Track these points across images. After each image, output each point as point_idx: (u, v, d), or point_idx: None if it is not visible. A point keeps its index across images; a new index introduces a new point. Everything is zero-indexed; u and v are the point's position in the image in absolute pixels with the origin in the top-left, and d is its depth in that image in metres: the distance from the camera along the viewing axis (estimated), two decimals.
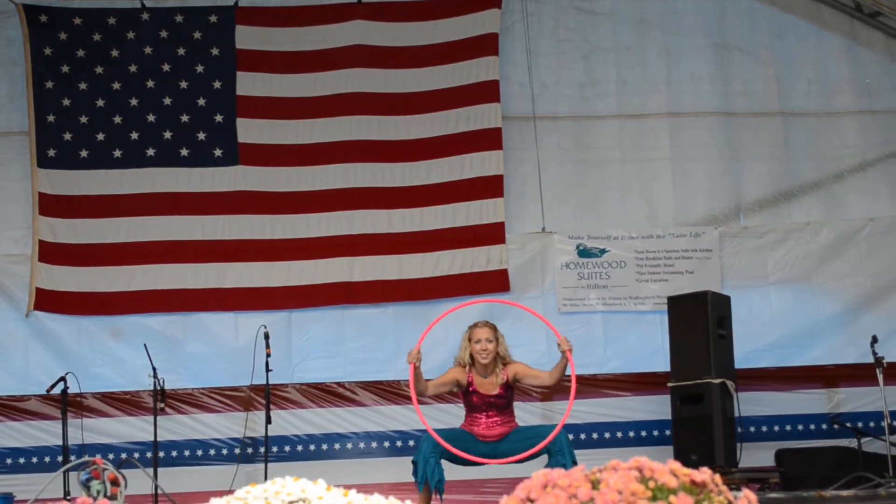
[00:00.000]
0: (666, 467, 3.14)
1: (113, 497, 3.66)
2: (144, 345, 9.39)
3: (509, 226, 10.63)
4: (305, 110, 10.83)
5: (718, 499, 3.15)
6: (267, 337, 9.25)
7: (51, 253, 10.37)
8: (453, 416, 9.17)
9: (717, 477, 3.21)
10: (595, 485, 3.11)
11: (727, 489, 3.20)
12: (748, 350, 10.23)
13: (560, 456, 7.69)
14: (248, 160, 10.74)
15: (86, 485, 3.65)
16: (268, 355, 9.22)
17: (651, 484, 3.06)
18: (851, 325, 10.51)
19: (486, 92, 10.83)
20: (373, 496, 3.20)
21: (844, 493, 3.62)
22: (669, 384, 9.62)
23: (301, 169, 10.74)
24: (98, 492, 3.63)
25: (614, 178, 10.85)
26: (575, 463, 7.76)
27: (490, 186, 10.69)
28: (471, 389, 7.87)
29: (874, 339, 9.12)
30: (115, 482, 3.68)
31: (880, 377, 9.03)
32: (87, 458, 3.71)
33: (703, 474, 3.17)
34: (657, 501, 2.98)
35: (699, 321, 9.49)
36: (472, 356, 7.91)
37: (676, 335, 9.67)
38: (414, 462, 7.80)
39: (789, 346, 10.54)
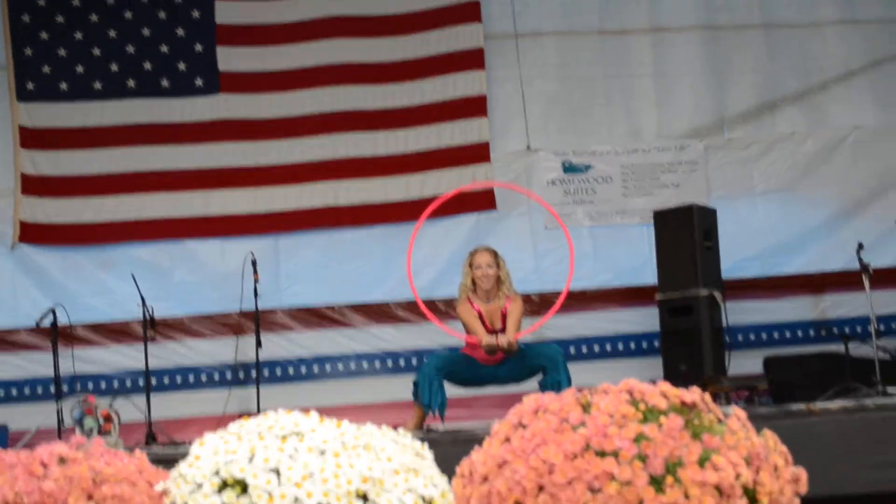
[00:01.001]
0: (656, 389, 3.16)
1: (106, 433, 3.67)
2: (132, 275, 9.38)
3: (494, 145, 10.60)
4: (286, 36, 10.75)
5: (708, 417, 3.18)
6: (254, 263, 9.26)
7: (34, 186, 10.32)
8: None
9: (708, 396, 3.23)
10: (586, 408, 3.13)
11: (717, 408, 3.23)
12: (736, 260, 10.26)
13: (555, 373, 7.79)
14: (229, 88, 10.67)
15: (79, 422, 3.66)
16: (256, 281, 9.24)
17: (641, 406, 3.08)
18: (838, 233, 10.52)
19: (468, 11, 10.74)
20: (365, 425, 3.22)
21: (833, 405, 3.65)
22: (657, 296, 9.67)
23: (283, 94, 10.68)
24: (91, 428, 3.64)
25: (598, 94, 10.79)
26: (569, 379, 7.84)
27: (474, 106, 10.65)
28: (480, 319, 7.97)
29: (860, 247, 9.15)
30: (107, 418, 3.68)
31: (867, 283, 9.07)
32: (79, 395, 3.72)
33: (694, 394, 3.19)
34: (648, 423, 3.01)
35: (685, 234, 9.52)
36: (473, 282, 8.00)
37: (663, 249, 9.71)
38: (415, 383, 7.88)
39: (776, 255, 10.57)
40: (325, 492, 2.88)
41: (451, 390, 8.83)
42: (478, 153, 10.63)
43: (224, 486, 2.92)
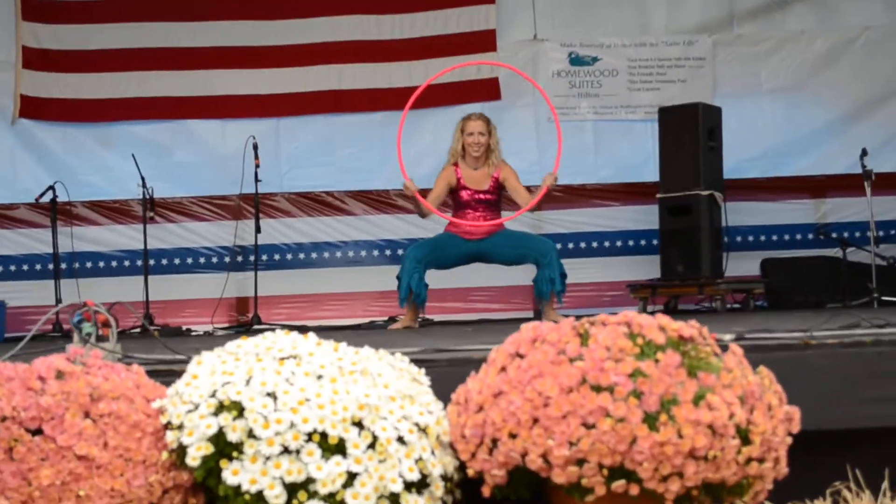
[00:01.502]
0: (654, 322, 3.17)
1: (104, 338, 3.68)
2: (133, 155, 9.37)
3: (500, 33, 10.47)
4: None
5: (706, 351, 3.19)
6: (256, 148, 9.23)
7: (35, 59, 10.22)
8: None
9: (705, 330, 3.24)
10: (584, 339, 3.14)
11: (714, 342, 3.24)
12: (739, 159, 10.20)
13: (548, 269, 7.77)
14: None
15: (77, 326, 3.66)
16: (256, 166, 9.22)
17: (639, 340, 3.08)
18: (844, 135, 10.43)
19: None
20: (363, 349, 3.22)
21: (830, 340, 3.66)
22: (658, 195, 9.64)
23: None
24: (89, 334, 3.65)
25: None
26: (563, 275, 7.84)
27: None
28: (460, 186, 7.91)
29: (864, 152, 9.12)
30: (105, 324, 3.69)
31: (868, 190, 9.06)
32: (76, 301, 3.73)
33: (692, 328, 3.19)
34: (644, 359, 3.01)
35: (689, 133, 9.44)
36: (464, 148, 7.96)
37: (666, 146, 9.64)
38: (398, 278, 7.89)
39: (780, 155, 10.50)
40: (321, 418, 2.90)
41: (446, 281, 8.88)
42: (484, 40, 10.51)
43: (221, 407, 2.94)
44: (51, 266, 9.57)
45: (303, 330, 8.31)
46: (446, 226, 8.11)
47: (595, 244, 10.32)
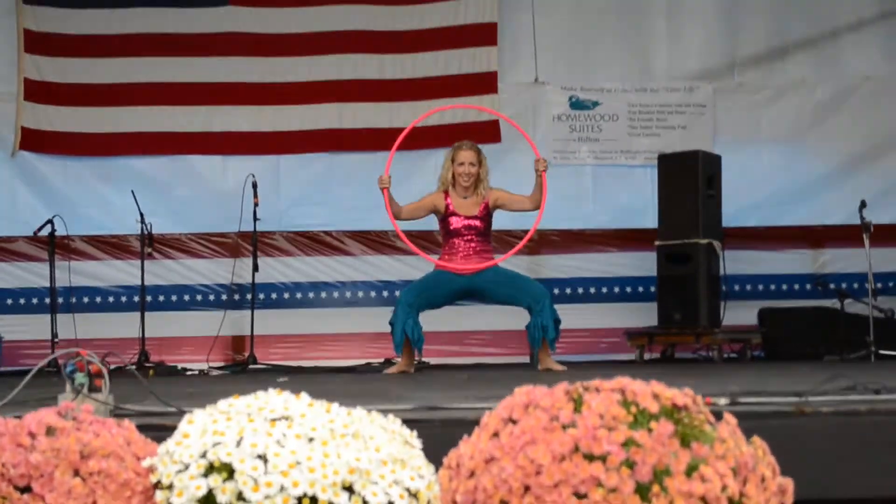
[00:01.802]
0: (648, 390, 3.15)
1: (97, 389, 3.67)
2: (132, 191, 9.38)
3: (502, 75, 10.50)
4: None
5: (699, 418, 3.17)
6: (255, 186, 9.25)
7: (37, 91, 10.25)
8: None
9: (699, 399, 3.22)
10: (577, 405, 3.12)
11: (708, 411, 3.22)
12: (737, 207, 10.22)
13: (540, 316, 7.75)
14: (238, 0, 10.54)
15: (69, 376, 3.65)
16: (255, 205, 9.24)
17: (633, 409, 3.07)
18: (843, 185, 10.47)
19: None
20: (355, 410, 3.21)
21: (825, 408, 3.65)
22: (656, 242, 9.65)
23: (292, 10, 10.57)
24: (82, 384, 3.64)
25: (610, 30, 10.66)
26: (557, 322, 7.83)
27: (484, 34, 10.53)
28: (449, 211, 7.90)
29: (862, 204, 9.12)
30: (99, 374, 3.68)
31: (867, 242, 9.06)
32: (72, 350, 3.71)
33: (686, 397, 3.17)
34: (638, 428, 3.00)
35: (689, 180, 9.47)
36: (454, 177, 7.95)
37: (665, 194, 9.67)
38: (391, 324, 7.87)
39: (779, 204, 10.53)
40: (312, 481, 2.88)
41: (442, 324, 8.87)
42: (485, 82, 10.54)
43: (211, 468, 2.92)
44: (48, 300, 9.57)
45: (298, 371, 8.32)
46: (437, 263, 8.08)
47: (592, 290, 10.32)
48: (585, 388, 3.21)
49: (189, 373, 8.79)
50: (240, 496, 2.86)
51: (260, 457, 2.92)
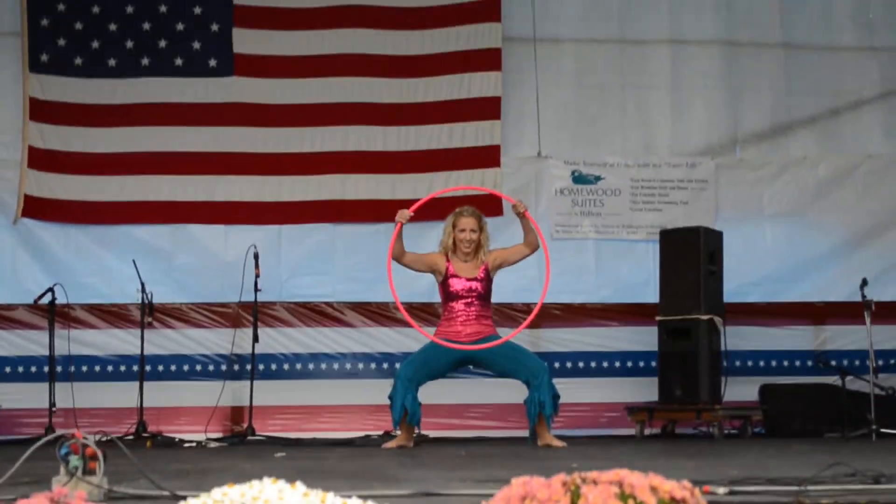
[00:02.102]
0: (646, 482, 3.13)
1: (91, 472, 3.64)
2: (133, 261, 9.38)
3: (505, 149, 10.54)
4: (303, 21, 10.69)
5: None
6: (256, 257, 9.26)
7: (41, 159, 10.29)
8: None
9: (697, 491, 3.20)
10: (574, 497, 3.10)
11: (706, 502, 3.19)
12: (739, 283, 10.23)
13: (538, 391, 7.72)
14: (243, 71, 10.62)
15: (64, 459, 3.62)
16: (257, 276, 9.24)
17: (630, 502, 3.04)
18: (844, 262, 10.50)
19: (488, 10, 10.68)
20: (351, 500, 3.18)
21: (824, 500, 3.62)
22: (657, 318, 9.65)
23: (296, 81, 10.63)
24: (76, 467, 3.61)
25: (613, 105, 10.74)
26: (556, 397, 7.79)
27: (487, 108, 10.59)
28: (450, 274, 7.88)
29: (864, 283, 9.11)
30: (93, 457, 3.65)
31: (868, 319, 9.04)
32: (66, 432, 3.69)
33: (684, 490, 3.15)
34: None
35: (690, 256, 9.49)
36: (454, 243, 7.95)
37: (667, 269, 9.69)
38: (390, 398, 7.84)
39: (780, 280, 10.53)
40: None
41: (442, 397, 8.84)
42: (488, 156, 10.58)
43: None
44: (46, 369, 9.54)
45: (297, 443, 8.28)
46: (436, 333, 8.04)
47: (593, 364, 10.28)
48: (583, 480, 3.19)
49: (187, 444, 8.73)
50: None
51: None
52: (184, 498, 3.29)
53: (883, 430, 8.83)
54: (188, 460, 6.42)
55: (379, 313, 10.21)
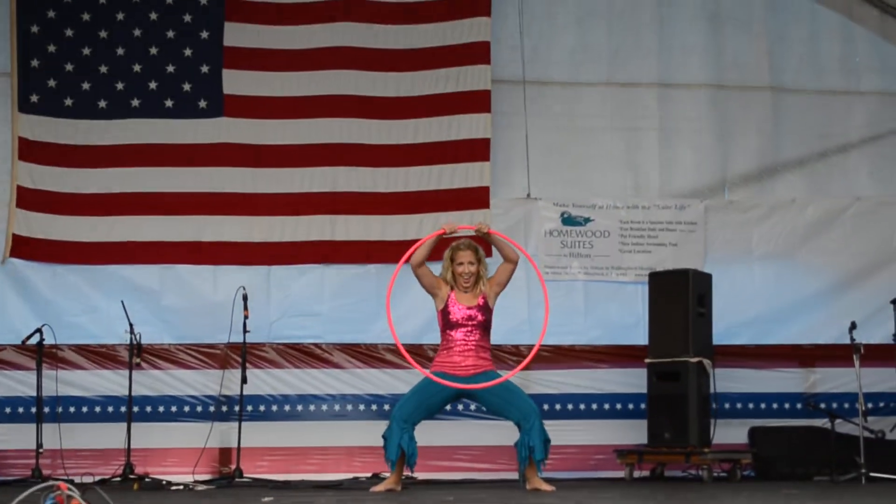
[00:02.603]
0: None
1: None
2: (122, 301, 9.36)
3: (494, 190, 10.56)
4: (293, 63, 10.73)
5: None
6: (245, 298, 9.26)
7: (29, 199, 10.28)
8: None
9: None
10: None
11: None
12: (728, 325, 10.25)
13: (528, 435, 7.69)
14: (232, 112, 10.64)
15: None
16: (245, 317, 9.23)
17: None
18: (833, 304, 10.55)
19: (477, 53, 10.72)
20: None
21: None
22: (646, 360, 9.66)
23: (286, 122, 10.65)
24: None
25: (602, 147, 10.78)
26: (547, 441, 7.77)
27: (477, 150, 10.61)
28: (450, 301, 7.87)
29: (853, 326, 9.12)
30: None
31: (857, 363, 9.04)
32: (51, 482, 3.68)
33: None
34: None
35: (679, 299, 9.51)
36: (454, 276, 7.95)
37: (656, 312, 9.70)
38: (384, 437, 7.80)
39: (769, 322, 10.55)
40: None
41: (432, 439, 8.80)
42: (478, 197, 10.59)
43: None
44: (34, 409, 9.49)
45: (284, 486, 8.26)
46: (433, 365, 8.03)
47: (582, 406, 10.27)
48: None
49: (174, 487, 8.68)
50: None
51: None
52: None
53: (872, 473, 8.81)
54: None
55: (368, 354, 10.21)
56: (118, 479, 9.01)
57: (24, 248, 10.22)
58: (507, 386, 7.91)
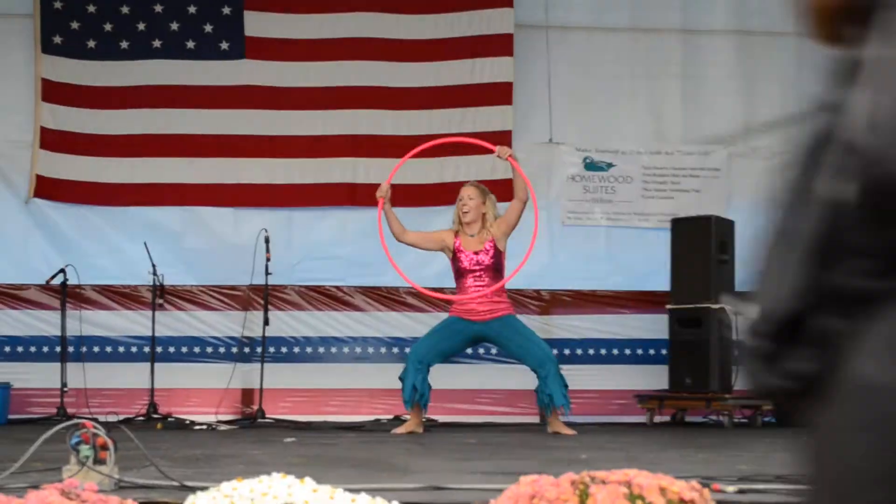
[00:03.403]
0: (655, 483, 3.13)
1: (102, 462, 3.66)
2: (145, 243, 9.42)
3: (516, 135, 10.50)
4: (315, 5, 10.68)
5: None
6: (267, 241, 9.29)
7: (52, 140, 10.31)
8: None
9: (707, 492, 3.20)
10: (583, 497, 3.11)
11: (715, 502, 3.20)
12: (751, 272, 10.20)
13: (545, 383, 7.73)
14: (254, 54, 10.61)
15: (74, 448, 3.64)
16: (267, 259, 9.27)
17: (639, 502, 3.05)
18: None
19: None
20: (359, 495, 3.19)
21: None
22: (668, 306, 9.65)
23: (307, 64, 10.61)
24: (86, 457, 3.62)
25: (625, 93, 10.69)
26: (564, 386, 7.80)
27: (499, 93, 10.57)
28: (457, 249, 7.91)
29: None
30: (104, 447, 3.67)
31: None
32: (76, 420, 3.71)
33: (693, 491, 3.16)
34: None
35: (701, 245, 9.48)
36: (459, 217, 7.99)
37: (678, 258, 9.68)
38: (401, 379, 7.87)
39: None
40: None
41: (453, 382, 8.85)
42: (500, 141, 10.41)
43: None
44: (58, 349, 9.58)
45: (306, 427, 8.29)
46: (450, 309, 8.06)
47: (603, 351, 10.29)
48: (592, 480, 3.20)
49: (197, 427, 8.76)
50: None
51: None
52: (192, 490, 3.31)
53: None
54: (198, 445, 6.45)
55: (389, 297, 10.24)
56: (142, 418, 9.10)
57: (48, 188, 10.26)
58: (523, 332, 7.96)
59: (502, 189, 10.16)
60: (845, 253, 1.43)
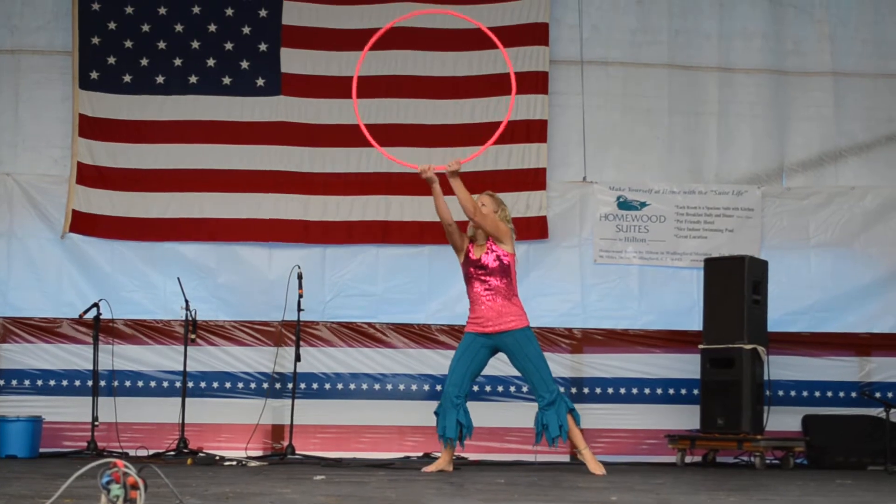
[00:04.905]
0: None
1: (132, 501, 3.66)
2: (178, 278, 9.48)
3: (551, 173, 10.54)
4: (351, 42, 10.72)
5: None
6: (300, 277, 9.32)
7: (88, 175, 10.39)
8: None
9: None
10: None
11: None
12: (784, 313, 10.21)
13: (543, 412, 7.75)
14: (290, 91, 10.69)
15: (105, 487, 3.65)
16: (300, 296, 9.29)
17: None
18: (890, 293, 10.49)
19: (535, 34, 10.70)
20: None
21: None
22: (700, 346, 9.61)
23: (343, 101, 10.63)
24: (117, 496, 3.63)
25: (659, 130, 10.72)
26: (573, 411, 7.78)
27: (534, 131, 10.60)
28: (468, 255, 7.93)
29: None
30: (134, 486, 3.67)
31: None
32: (108, 459, 3.72)
33: None
34: None
35: (735, 285, 9.45)
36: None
37: (711, 298, 9.65)
38: (436, 414, 7.85)
39: (825, 310, 10.47)
40: None
41: (484, 420, 8.82)
42: (534, 179, 10.58)
43: None
44: (90, 383, 9.62)
45: (336, 465, 8.29)
46: (466, 326, 8.03)
47: (635, 390, 10.25)
48: None
49: (227, 463, 8.75)
50: None
51: None
52: None
53: None
54: (227, 483, 6.43)
55: (421, 335, 10.24)
56: (172, 452, 9.11)
57: (84, 223, 10.33)
58: (531, 357, 7.84)
59: (534, 224, 10.25)
60: None
